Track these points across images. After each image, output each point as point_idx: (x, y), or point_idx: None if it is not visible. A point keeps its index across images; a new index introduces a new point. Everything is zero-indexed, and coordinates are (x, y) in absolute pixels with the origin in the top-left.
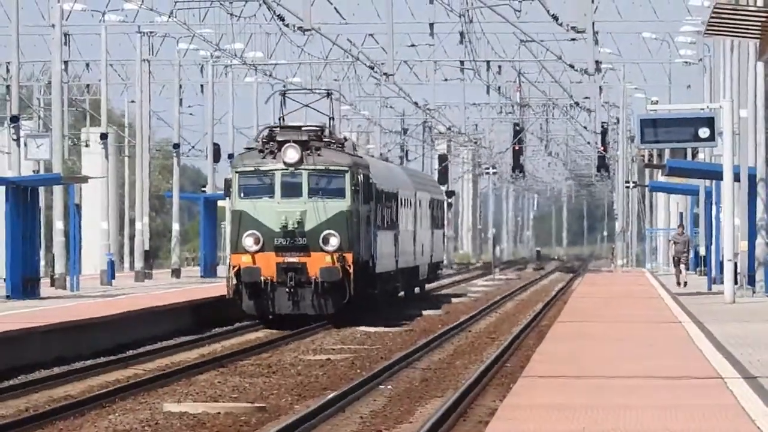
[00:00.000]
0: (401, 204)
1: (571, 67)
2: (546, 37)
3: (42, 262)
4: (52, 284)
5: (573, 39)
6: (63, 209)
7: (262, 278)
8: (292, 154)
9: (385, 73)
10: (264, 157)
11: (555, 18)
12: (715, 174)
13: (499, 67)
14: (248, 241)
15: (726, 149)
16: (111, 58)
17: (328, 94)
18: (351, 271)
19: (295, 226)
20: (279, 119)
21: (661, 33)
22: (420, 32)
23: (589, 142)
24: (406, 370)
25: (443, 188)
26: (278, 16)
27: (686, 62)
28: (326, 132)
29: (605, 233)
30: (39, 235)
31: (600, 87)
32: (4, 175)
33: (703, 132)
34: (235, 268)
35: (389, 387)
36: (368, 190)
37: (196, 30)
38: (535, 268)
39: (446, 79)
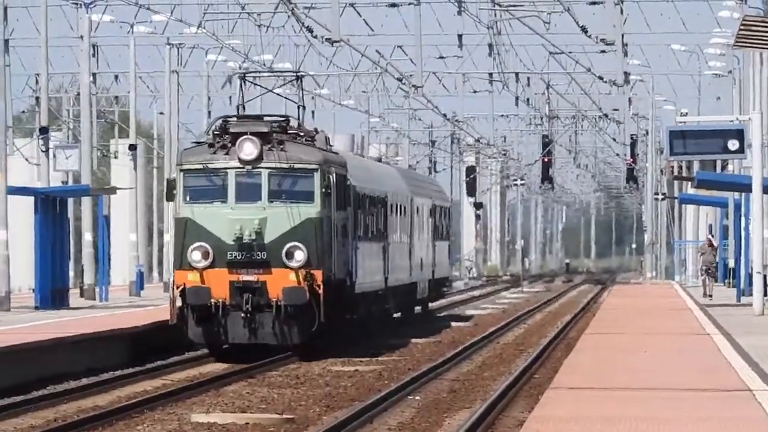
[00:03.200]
0: (392, 211)
1: (600, 78)
2: (575, 48)
3: (71, 273)
4: (81, 295)
5: (602, 51)
6: (92, 220)
7: (212, 300)
8: (249, 148)
9: (413, 85)
10: (215, 153)
11: (584, 30)
12: (744, 186)
13: (528, 79)
14: (195, 255)
15: (755, 161)
16: (140, 70)
17: (298, 78)
18: (321, 291)
19: (253, 237)
20: (237, 108)
21: (690, 45)
22: (449, 44)
23: (618, 154)
24: (435, 382)
25: (472, 200)
26: (307, 27)
27: (716, 74)
28: (293, 123)
29: (634, 245)
30: (68, 246)
31: (629, 99)
32: (34, 185)
33: (733, 144)
34: (180, 288)
35: (417, 398)
36: (345, 194)
37: (225, 41)
38: (564, 280)
39: (475, 91)
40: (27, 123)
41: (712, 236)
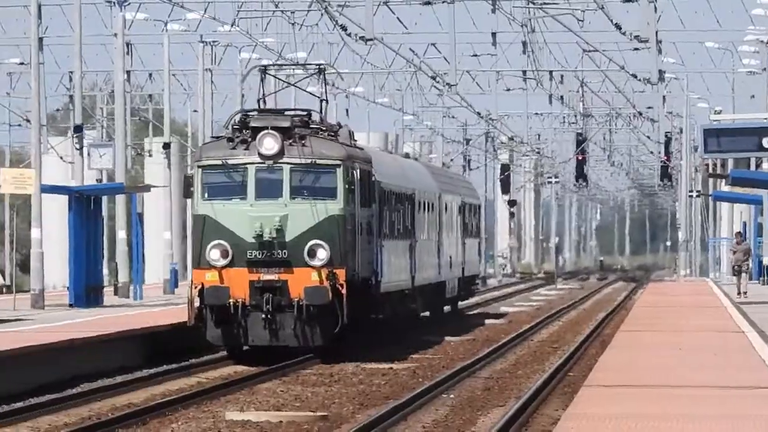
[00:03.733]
0: (419, 208)
1: (634, 76)
2: (609, 46)
3: (105, 271)
4: (116, 293)
5: (636, 48)
6: (126, 218)
7: (231, 300)
8: (269, 143)
9: (447, 83)
10: (234, 148)
11: (618, 27)
12: None
13: (562, 76)
14: (214, 254)
15: None
16: (173, 68)
17: (320, 71)
18: (344, 291)
19: (274, 234)
20: (257, 101)
21: (724, 42)
22: (482, 42)
23: (652, 152)
24: (469, 380)
25: (506, 197)
26: (340, 25)
27: (750, 72)
28: (315, 117)
29: (668, 243)
30: (102, 244)
31: (663, 96)
32: (68, 184)
33: (767, 141)
34: (198, 287)
35: (452, 396)
36: (369, 190)
37: (259, 39)
38: (598, 278)
39: (509, 89)
40: (61, 121)
41: (741, 234)
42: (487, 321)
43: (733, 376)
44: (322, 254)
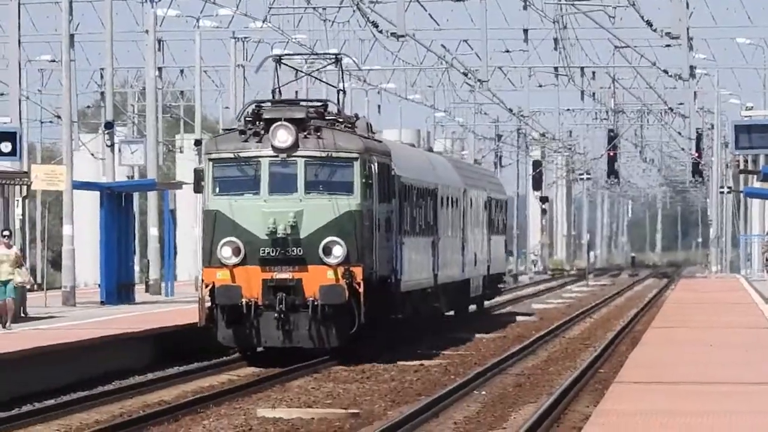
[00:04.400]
0: (442, 203)
1: (666, 72)
2: (640, 42)
3: (137, 268)
4: (147, 290)
5: (667, 45)
6: (158, 215)
7: (243, 300)
8: (283, 135)
9: (479, 80)
10: (246, 141)
11: (649, 24)
12: None
13: (594, 73)
14: (225, 252)
15: None
16: (205, 64)
17: (337, 60)
18: (361, 290)
19: (288, 231)
20: (272, 92)
21: (755, 38)
22: (514, 38)
23: (683, 148)
24: (500, 376)
25: (538, 194)
26: (372, 22)
27: None
28: (331, 108)
29: (699, 239)
30: (133, 241)
31: (694, 93)
32: (99, 180)
33: None
34: (209, 287)
35: (483, 393)
36: (388, 184)
37: (291, 36)
38: (630, 274)
39: (540, 85)
40: (92, 118)
41: None
42: (518, 318)
43: (765, 372)
44: (338, 251)
